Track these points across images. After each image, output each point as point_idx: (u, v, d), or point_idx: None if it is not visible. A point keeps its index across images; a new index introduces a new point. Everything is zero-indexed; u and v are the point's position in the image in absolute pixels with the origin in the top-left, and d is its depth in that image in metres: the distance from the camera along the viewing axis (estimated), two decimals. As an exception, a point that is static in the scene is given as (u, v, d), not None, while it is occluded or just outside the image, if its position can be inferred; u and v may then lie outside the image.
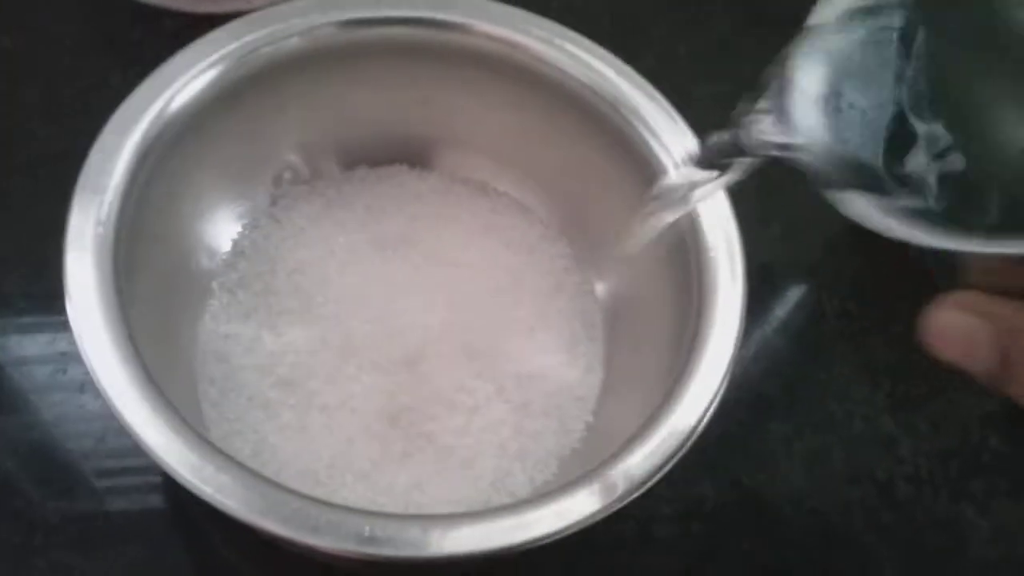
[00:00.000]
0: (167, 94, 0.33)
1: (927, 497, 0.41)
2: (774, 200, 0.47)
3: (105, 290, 0.29)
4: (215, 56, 0.34)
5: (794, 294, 0.45)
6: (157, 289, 0.33)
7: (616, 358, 0.38)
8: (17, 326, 0.39)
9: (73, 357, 0.39)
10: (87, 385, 0.38)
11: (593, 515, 0.29)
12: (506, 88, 0.38)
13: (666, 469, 0.30)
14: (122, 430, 0.37)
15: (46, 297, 0.40)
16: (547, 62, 0.37)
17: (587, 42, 0.37)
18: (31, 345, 0.39)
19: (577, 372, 0.38)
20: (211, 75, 0.34)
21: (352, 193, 0.40)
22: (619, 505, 0.29)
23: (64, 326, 0.39)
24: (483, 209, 0.40)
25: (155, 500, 0.37)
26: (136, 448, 0.37)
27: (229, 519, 0.27)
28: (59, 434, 0.37)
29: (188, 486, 0.27)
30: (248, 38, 0.34)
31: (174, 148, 0.33)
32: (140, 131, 0.32)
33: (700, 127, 0.37)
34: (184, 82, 0.33)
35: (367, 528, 0.27)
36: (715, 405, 0.31)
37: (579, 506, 0.29)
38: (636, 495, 0.29)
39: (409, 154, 0.41)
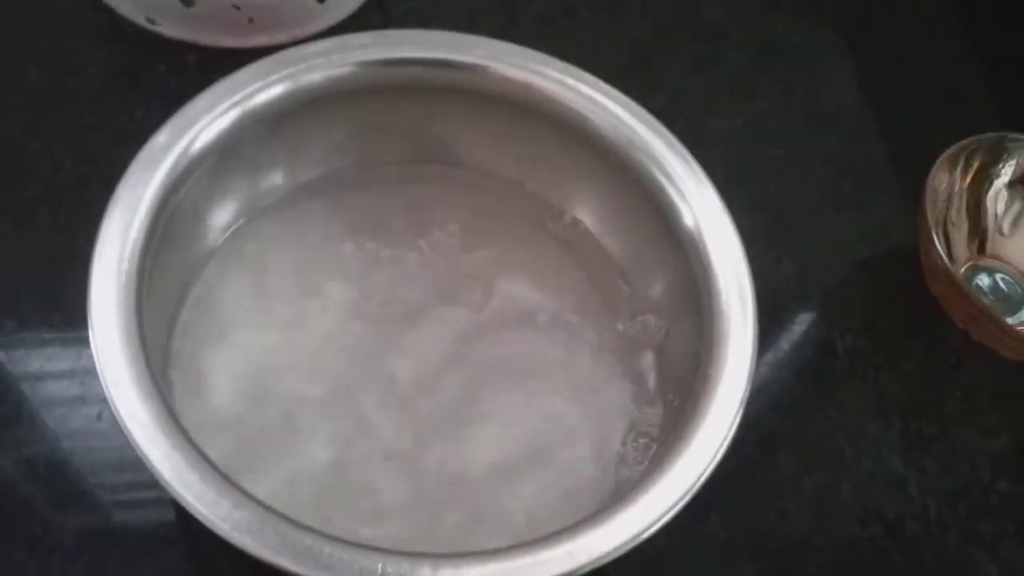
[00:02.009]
0: (191, 133, 0.33)
1: (936, 538, 0.41)
2: (786, 237, 0.48)
3: (128, 329, 0.30)
4: (238, 96, 0.35)
5: (806, 331, 0.45)
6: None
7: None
8: (38, 342, 0.40)
9: (92, 382, 0.39)
10: (106, 411, 0.38)
11: (603, 556, 0.29)
12: (522, 125, 0.38)
13: (674, 511, 0.30)
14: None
15: (67, 318, 0.40)
16: (562, 103, 0.37)
17: (602, 84, 0.38)
18: (52, 369, 0.40)
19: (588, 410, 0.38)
20: (234, 114, 0.34)
21: (360, 225, 0.40)
22: (629, 546, 0.29)
23: (84, 350, 0.40)
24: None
25: (168, 520, 0.37)
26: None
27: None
28: (78, 451, 0.38)
29: (205, 522, 0.28)
30: (271, 78, 0.35)
31: (196, 184, 0.34)
32: (166, 167, 0.33)
33: (714, 163, 0.38)
34: (208, 120, 0.34)
35: (380, 565, 0.28)
36: (723, 451, 0.31)
37: (589, 547, 0.29)
38: (646, 535, 0.30)
39: (427, 187, 0.41)
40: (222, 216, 0.38)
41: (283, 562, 0.27)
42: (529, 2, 0.53)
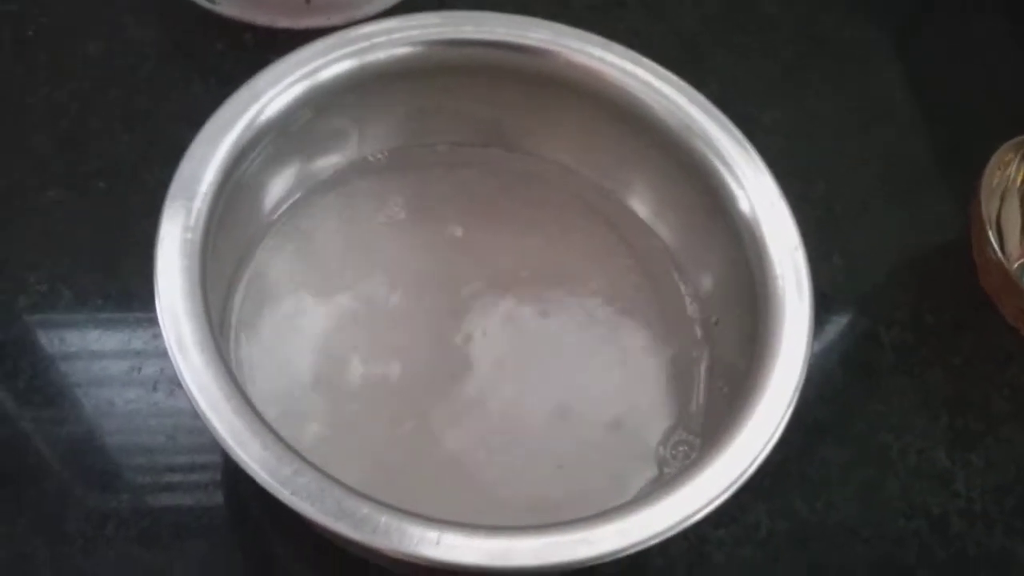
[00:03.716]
0: (256, 107, 0.34)
1: (980, 533, 0.41)
2: (835, 230, 0.47)
3: (193, 295, 0.30)
4: (302, 71, 0.35)
5: (853, 325, 0.45)
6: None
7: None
8: (95, 322, 0.41)
9: (147, 355, 0.40)
10: (160, 384, 0.39)
11: (653, 536, 0.29)
12: (578, 109, 0.39)
13: (727, 496, 0.30)
14: (192, 427, 0.39)
15: (123, 296, 0.41)
16: (620, 88, 0.37)
17: (660, 69, 0.38)
18: (108, 342, 0.40)
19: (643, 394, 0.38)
20: (298, 90, 0.35)
21: (413, 204, 0.41)
22: (680, 528, 0.30)
23: (140, 324, 0.41)
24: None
25: (218, 497, 0.38)
26: (204, 445, 0.39)
27: (288, 518, 0.28)
28: (132, 429, 0.38)
29: (265, 486, 0.28)
30: (334, 55, 0.36)
31: (258, 158, 0.34)
32: (230, 141, 0.33)
33: (763, 155, 0.38)
34: (273, 95, 0.34)
35: (436, 535, 0.28)
36: (778, 436, 0.31)
37: (640, 527, 0.29)
38: (697, 518, 0.30)
39: (481, 169, 0.41)
40: (279, 190, 0.38)
41: (342, 528, 0.28)
42: (580, -11, 0.53)
